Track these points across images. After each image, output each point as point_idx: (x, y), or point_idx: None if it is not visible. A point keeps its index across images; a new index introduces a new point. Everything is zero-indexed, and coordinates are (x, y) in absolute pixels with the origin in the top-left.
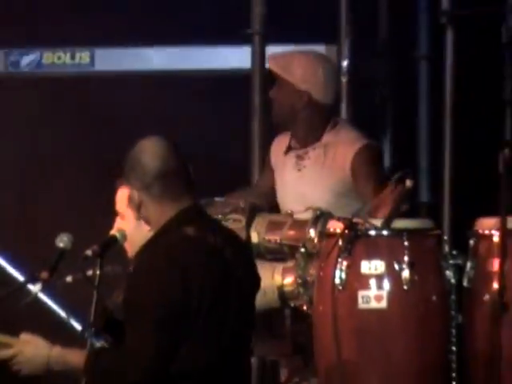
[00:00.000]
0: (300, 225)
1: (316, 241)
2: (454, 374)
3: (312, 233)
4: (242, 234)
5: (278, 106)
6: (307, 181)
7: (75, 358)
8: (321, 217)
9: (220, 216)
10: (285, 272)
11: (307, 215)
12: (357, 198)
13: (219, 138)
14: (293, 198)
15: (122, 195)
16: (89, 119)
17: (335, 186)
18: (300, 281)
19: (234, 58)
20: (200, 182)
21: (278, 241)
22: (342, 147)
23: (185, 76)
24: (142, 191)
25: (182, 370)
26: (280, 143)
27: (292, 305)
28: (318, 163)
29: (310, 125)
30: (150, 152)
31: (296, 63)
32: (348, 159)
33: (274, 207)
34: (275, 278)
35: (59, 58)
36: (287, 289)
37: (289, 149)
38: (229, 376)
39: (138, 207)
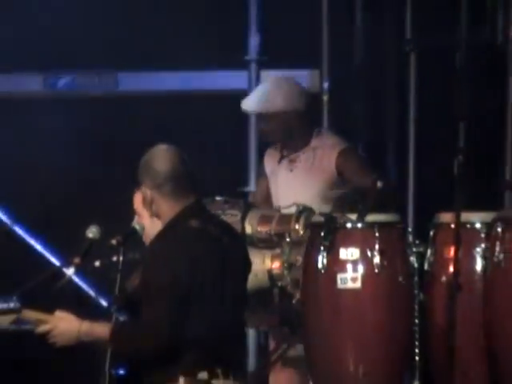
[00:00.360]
0: (286, 218)
1: (300, 231)
2: (416, 343)
3: (296, 225)
4: (238, 227)
5: (274, 134)
6: (298, 179)
7: (102, 330)
8: (303, 211)
9: (219, 211)
10: (273, 258)
11: (292, 210)
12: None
13: (221, 143)
14: (285, 196)
15: (138, 198)
16: (112, 129)
17: (322, 184)
18: (285, 265)
19: (234, 80)
20: (203, 183)
21: (268, 232)
22: (327, 150)
23: (193, 95)
24: (153, 190)
25: (187, 339)
26: (271, 155)
27: (279, 285)
28: (308, 164)
29: (301, 132)
30: (160, 157)
31: (272, 95)
32: (332, 161)
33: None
34: (265, 263)
35: (89, 79)
36: (275, 271)
37: (282, 158)
38: (226, 343)
39: (149, 203)
